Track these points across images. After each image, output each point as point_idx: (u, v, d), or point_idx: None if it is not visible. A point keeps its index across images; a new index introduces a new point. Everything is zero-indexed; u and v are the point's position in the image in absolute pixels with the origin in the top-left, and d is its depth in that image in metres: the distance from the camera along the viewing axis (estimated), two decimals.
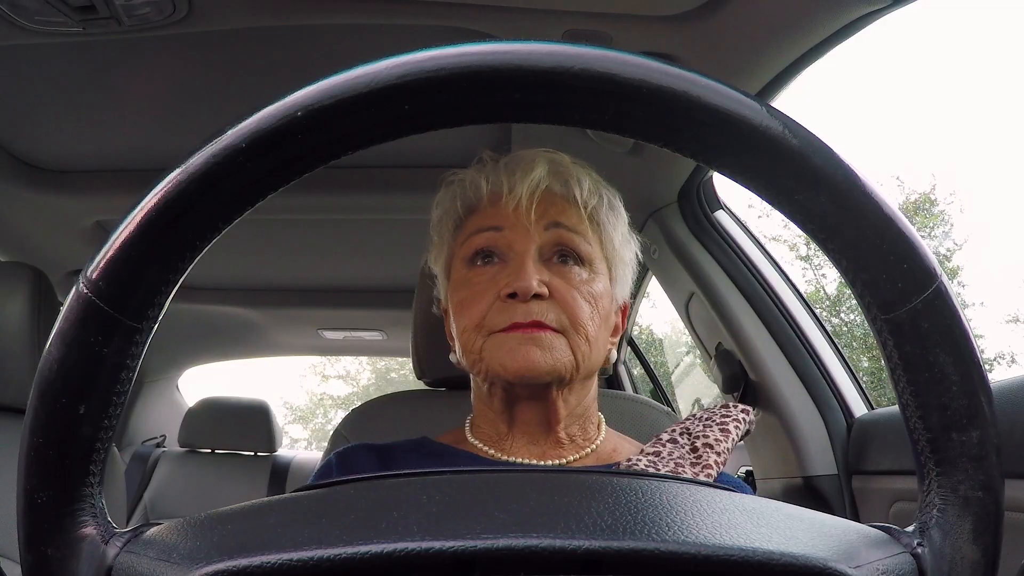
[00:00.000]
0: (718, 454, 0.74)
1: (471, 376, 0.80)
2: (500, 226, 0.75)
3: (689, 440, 0.77)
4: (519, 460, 0.76)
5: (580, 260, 0.76)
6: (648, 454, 0.76)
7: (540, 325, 0.71)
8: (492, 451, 0.78)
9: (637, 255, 0.84)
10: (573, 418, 0.77)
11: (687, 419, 0.81)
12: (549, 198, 0.76)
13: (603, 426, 0.82)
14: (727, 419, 0.78)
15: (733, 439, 0.77)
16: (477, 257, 0.76)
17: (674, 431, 0.79)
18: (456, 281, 0.78)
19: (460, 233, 0.80)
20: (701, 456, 0.74)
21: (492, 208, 0.77)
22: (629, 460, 0.75)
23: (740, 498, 0.36)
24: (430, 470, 0.38)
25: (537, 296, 0.71)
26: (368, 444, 0.82)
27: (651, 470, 0.71)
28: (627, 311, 0.84)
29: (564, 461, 0.76)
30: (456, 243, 0.80)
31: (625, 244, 0.81)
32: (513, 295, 0.71)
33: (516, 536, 0.30)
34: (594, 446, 0.78)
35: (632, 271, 0.83)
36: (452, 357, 0.82)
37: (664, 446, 0.76)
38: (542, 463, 0.76)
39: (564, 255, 0.75)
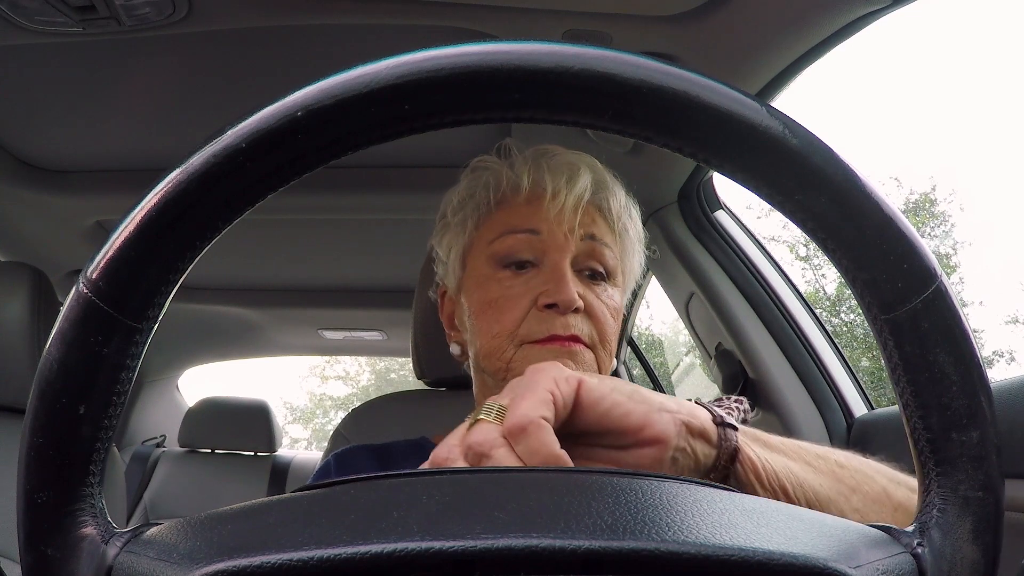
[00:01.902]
0: None
1: (476, 373, 0.79)
2: (538, 230, 0.73)
3: None
4: None
5: (607, 274, 0.75)
6: None
7: (576, 339, 0.70)
8: None
9: (642, 264, 0.84)
10: None
11: None
12: (587, 209, 0.74)
13: None
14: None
15: None
16: (510, 259, 0.74)
17: None
18: (480, 277, 0.76)
19: (487, 224, 0.77)
20: None
21: (528, 207, 0.74)
22: None
23: (740, 498, 0.36)
24: (430, 470, 0.38)
25: (575, 310, 0.71)
26: (366, 445, 0.81)
27: None
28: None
29: None
30: (480, 233, 0.77)
31: (636, 256, 0.81)
32: (552, 305, 0.70)
33: (516, 536, 0.30)
34: None
35: (633, 284, 0.84)
36: (453, 348, 0.80)
37: None
38: None
39: (593, 270, 0.75)
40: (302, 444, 17.94)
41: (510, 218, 0.75)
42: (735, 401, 0.81)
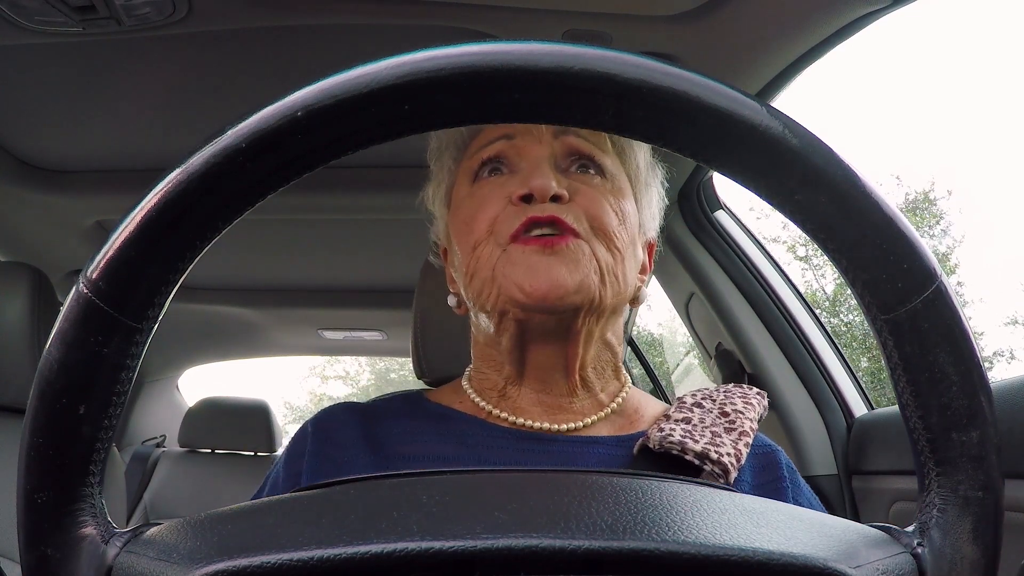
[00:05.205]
0: (750, 420, 0.68)
1: (473, 316, 0.70)
2: (511, 134, 0.66)
3: (716, 405, 0.69)
4: (522, 420, 0.67)
5: (602, 172, 0.67)
6: (678, 421, 0.67)
7: (559, 223, 0.61)
8: (491, 408, 0.69)
9: (662, 196, 0.76)
10: (595, 360, 0.68)
11: (702, 390, 0.74)
12: None
13: (628, 383, 0.73)
14: (748, 395, 0.72)
15: (757, 413, 0.70)
16: (484, 168, 0.67)
17: (695, 395, 0.71)
18: (458, 201, 0.69)
19: (464, 154, 0.71)
20: (735, 422, 0.67)
21: (499, 124, 0.70)
22: (661, 431, 0.65)
23: (740, 498, 0.36)
24: (429, 470, 0.38)
25: (556, 199, 0.62)
26: (348, 404, 0.73)
27: (688, 442, 0.63)
28: (653, 250, 0.77)
29: (581, 424, 0.67)
30: (460, 167, 0.71)
31: (650, 171, 0.73)
32: (528, 197, 0.62)
33: (516, 536, 0.30)
34: (615, 404, 0.70)
35: (659, 207, 0.75)
36: (451, 300, 0.73)
37: (692, 411, 0.68)
38: (553, 426, 0.67)
39: (584, 165, 0.66)
40: None
41: (485, 136, 0.69)
42: (757, 393, 0.72)
